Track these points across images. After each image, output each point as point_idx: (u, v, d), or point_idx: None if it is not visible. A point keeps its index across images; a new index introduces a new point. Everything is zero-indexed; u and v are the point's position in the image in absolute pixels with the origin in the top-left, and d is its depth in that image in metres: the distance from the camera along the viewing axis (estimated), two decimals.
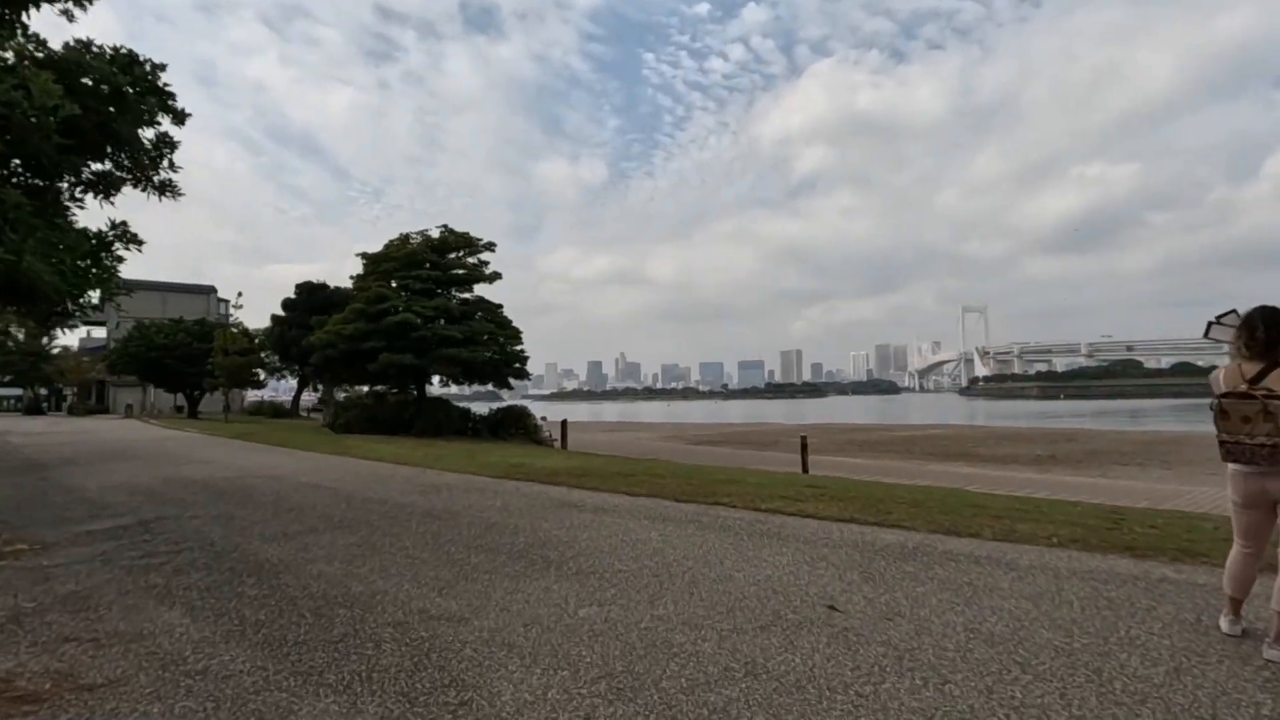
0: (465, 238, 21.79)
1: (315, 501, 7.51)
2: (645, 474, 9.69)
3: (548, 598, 3.99)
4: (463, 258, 22.06)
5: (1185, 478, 16.89)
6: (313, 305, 30.16)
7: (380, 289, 19.80)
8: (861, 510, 6.67)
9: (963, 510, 6.87)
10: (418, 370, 19.59)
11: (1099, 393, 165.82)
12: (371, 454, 13.33)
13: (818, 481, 9.69)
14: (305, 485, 8.90)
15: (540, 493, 8.05)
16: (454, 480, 9.29)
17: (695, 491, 7.83)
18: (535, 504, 7.22)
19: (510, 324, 22.33)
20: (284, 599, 4.03)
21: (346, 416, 20.91)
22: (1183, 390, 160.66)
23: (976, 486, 12.13)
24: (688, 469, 11.10)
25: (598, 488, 8.31)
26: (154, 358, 36.42)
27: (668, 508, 6.95)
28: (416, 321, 19.20)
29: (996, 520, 6.25)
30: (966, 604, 3.81)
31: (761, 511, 6.67)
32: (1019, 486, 12.13)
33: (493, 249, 22.18)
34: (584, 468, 10.46)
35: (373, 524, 6.26)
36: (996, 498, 8.66)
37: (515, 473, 9.82)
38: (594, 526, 6.04)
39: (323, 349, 20.15)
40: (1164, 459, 22.12)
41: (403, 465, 11.21)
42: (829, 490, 8.30)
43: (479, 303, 22.57)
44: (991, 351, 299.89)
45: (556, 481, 8.89)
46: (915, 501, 7.47)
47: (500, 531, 5.87)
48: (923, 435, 35.30)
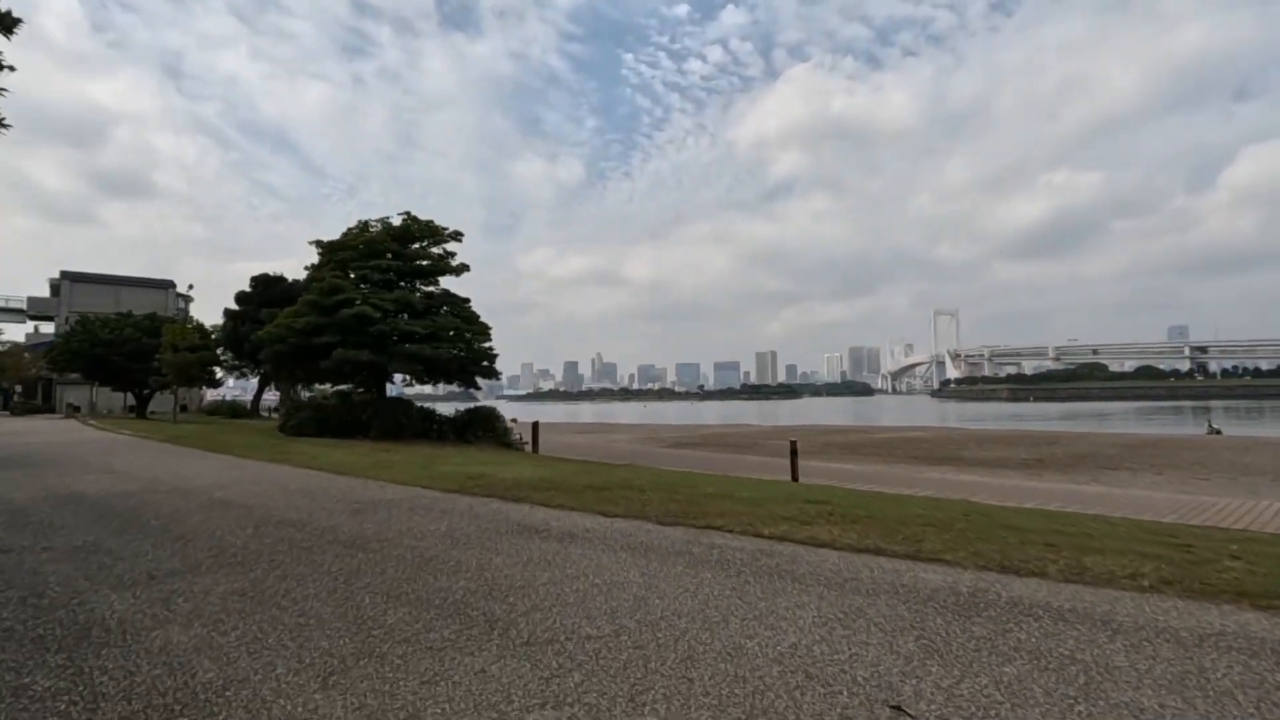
0: (430, 226, 20.28)
1: (217, 526, 6.12)
2: (622, 486, 8.46)
3: (483, 691, 2.72)
4: (427, 248, 20.55)
5: (1183, 483, 16.19)
6: (269, 299, 28.33)
7: (335, 279, 18.23)
8: (884, 536, 5.51)
9: (1001, 535, 5.76)
10: (376, 368, 18.09)
11: (1066, 395, 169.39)
12: (314, 461, 11.87)
13: (817, 494, 8.54)
14: (216, 502, 7.47)
15: (498, 512, 6.76)
16: (398, 495, 7.94)
17: (681, 510, 6.62)
18: (489, 529, 5.93)
19: (478, 319, 20.89)
20: (83, 698, 2.70)
21: (298, 418, 19.29)
22: (1145, 393, 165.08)
23: (983, 497, 11.11)
24: (670, 479, 9.89)
25: (567, 505, 7.04)
26: (99, 354, 34.14)
27: (650, 533, 5.72)
28: (375, 315, 17.69)
29: (1051, 550, 5.13)
30: (1085, 698, 2.65)
31: (765, 538, 5.48)
32: (1028, 496, 11.15)
33: (459, 239, 20.71)
34: (553, 478, 9.18)
35: (275, 559, 4.91)
36: (1023, 514, 7.61)
37: (472, 485, 8.51)
38: (558, 563, 4.77)
39: (271, 344, 18.52)
40: (1150, 463, 21.51)
41: (344, 475, 9.80)
42: (834, 507, 7.15)
43: (445, 296, 21.08)
44: (962, 354, 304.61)
45: (519, 497, 7.60)
46: (940, 522, 6.34)
47: (437, 570, 4.57)
48: (903, 438, 34.60)
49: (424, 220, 20.27)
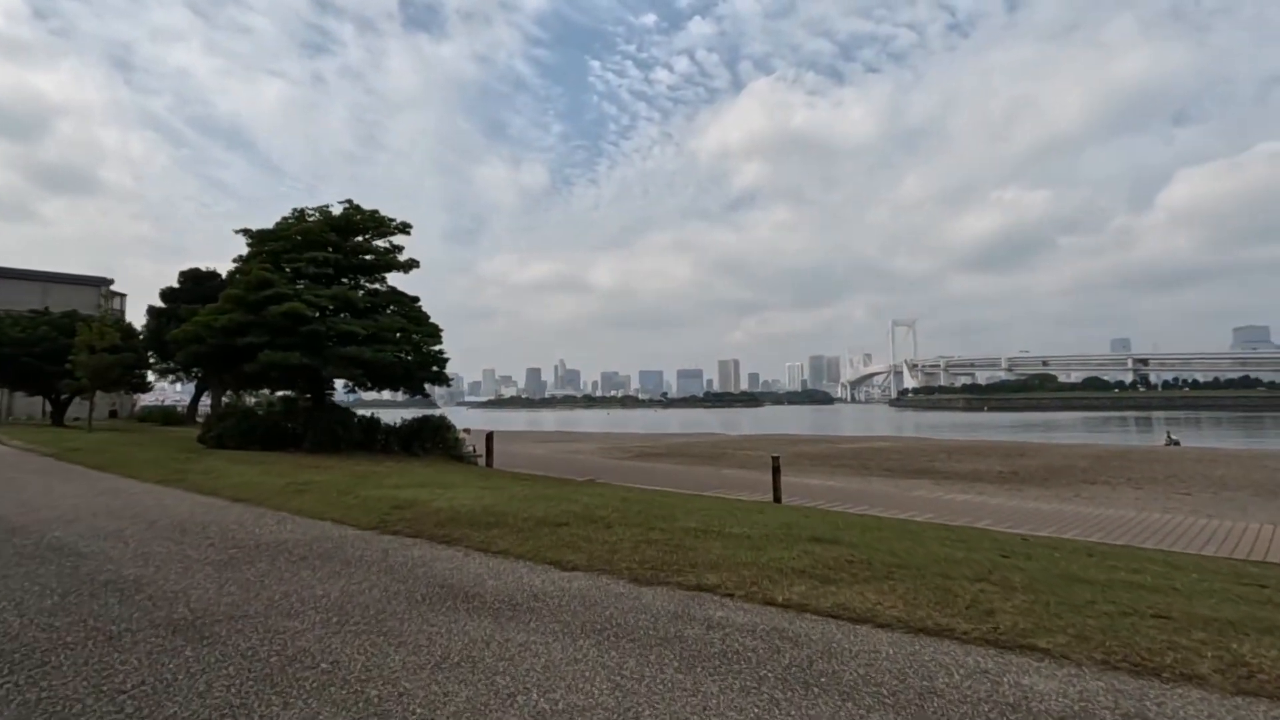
0: (375, 217, 18.34)
1: (12, 590, 4.35)
2: (584, 518, 6.91)
3: None
4: (371, 240, 18.66)
5: (1167, 499, 15.38)
6: (200, 295, 25.85)
7: (264, 272, 16.16)
8: (938, 602, 4.10)
9: (1078, 594, 4.42)
10: (309, 372, 16.13)
11: (1019, 405, 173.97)
12: (217, 482, 9.99)
13: (819, 526, 7.13)
14: (42, 548, 5.63)
15: (419, 563, 5.13)
16: (296, 534, 6.22)
17: (661, 559, 5.11)
18: (399, 594, 4.31)
19: (428, 320, 19.02)
20: None
21: (220, 428, 17.12)
22: (1093, 403, 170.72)
23: (989, 521, 9.88)
24: (642, 504, 8.37)
25: (512, 551, 5.46)
26: (6, 354, 30.95)
27: (622, 601, 4.19)
28: (308, 313, 15.71)
29: (1165, 626, 3.77)
30: None
31: (780, 607, 4.01)
32: (1035, 521, 9.96)
33: (407, 231, 18.81)
34: (500, 507, 7.57)
35: (47, 662, 3.21)
36: (1067, 552, 6.32)
37: (398, 519, 6.84)
38: (487, 663, 3.20)
39: (187, 344, 16.37)
40: (1126, 477, 20.90)
41: (242, 503, 7.99)
42: (850, 548, 5.76)
43: (391, 294, 19.16)
44: (919, 364, 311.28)
45: (452, 537, 5.98)
46: (988, 573, 4.97)
47: (297, 682, 2.97)
48: (871, 448, 33.79)
49: (368, 210, 18.34)
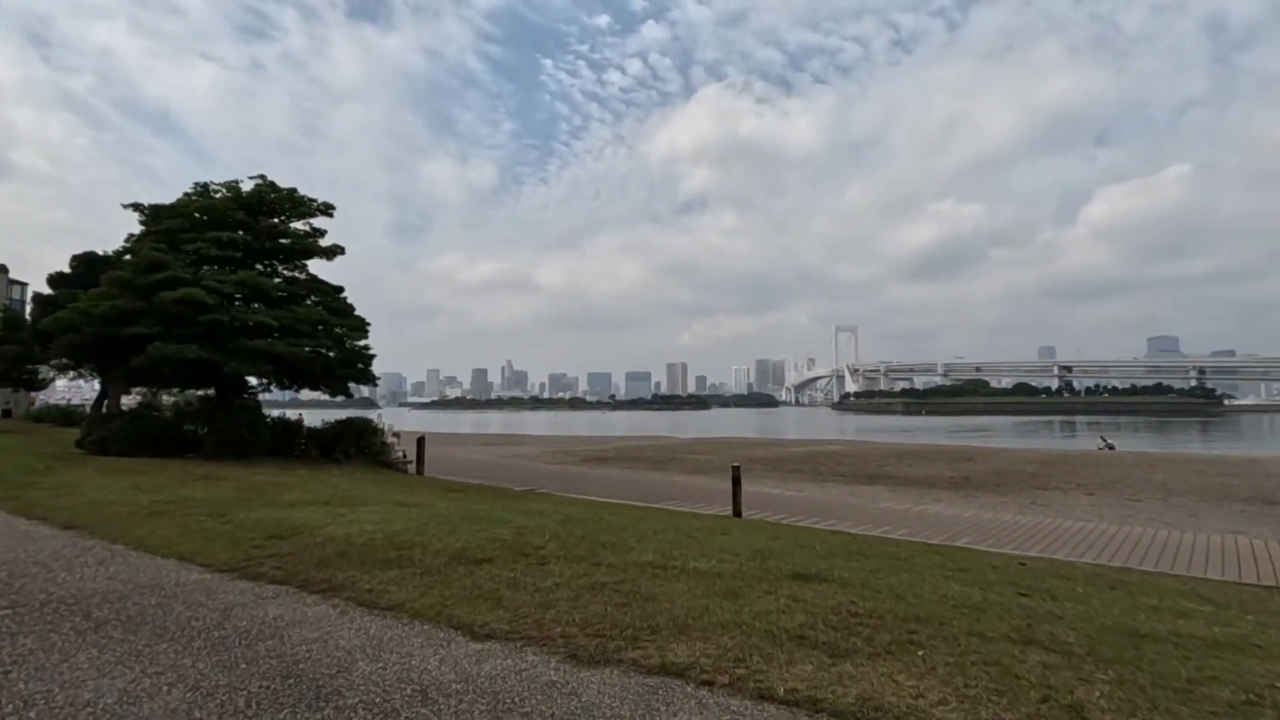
0: (292, 196, 16.33)
1: None
2: (513, 550, 5.54)
3: None
4: (287, 222, 16.68)
5: (1121, 506, 15.02)
6: (94, 282, 23.01)
7: (156, 253, 14.01)
8: (996, 689, 2.93)
9: (1174, 670, 3.36)
10: (209, 367, 14.09)
11: (954, 409, 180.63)
12: (66, 499, 8.13)
13: (801, 560, 5.96)
14: None
15: (268, 632, 3.65)
16: (114, 581, 4.60)
17: (610, 617, 3.80)
18: (213, 695, 2.88)
19: (353, 312, 17.13)
20: None
21: (103, 430, 14.84)
22: (1022, 408, 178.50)
23: (969, 539, 8.97)
24: (587, 526, 7.05)
25: (410, 604, 4.04)
26: None
27: (552, 694, 2.85)
28: (208, 300, 13.70)
29: None
30: None
31: (780, 703, 2.77)
32: (1026, 539, 9.11)
33: (329, 213, 16.87)
34: (409, 534, 6.11)
35: None
36: (1100, 589, 5.33)
37: (269, 553, 5.31)
38: None
39: (62, 333, 14.09)
40: (1075, 482, 20.80)
41: (71, 530, 6.24)
42: (841, 586, 4.61)
43: (311, 283, 17.16)
44: (861, 369, 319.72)
45: (333, 583, 4.51)
46: (1037, 635, 3.87)
47: None
48: (822, 452, 33.34)
49: (284, 188, 16.36)
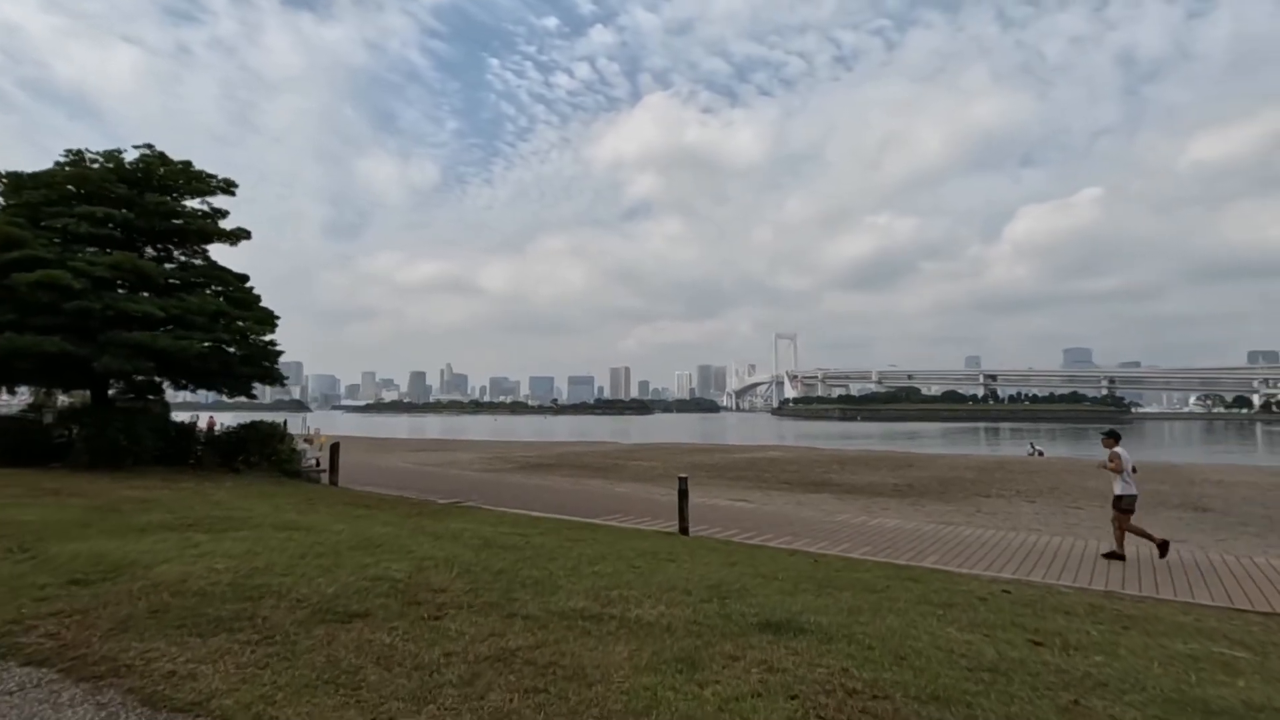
0: (187, 170, 14.33)
1: None
2: (402, 595, 4.27)
3: None
4: (180, 199, 14.67)
5: (1064, 514, 14.84)
6: None
7: (11, 229, 11.85)
8: None
9: None
10: (76, 363, 12.06)
11: (887, 415, 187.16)
12: None
13: (767, 600, 4.94)
14: None
15: None
16: None
17: (517, 714, 2.66)
18: None
19: (258, 304, 15.25)
20: None
21: None
22: (950, 415, 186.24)
23: (937, 559, 8.19)
24: (507, 560, 5.84)
25: (217, 703, 2.76)
26: None
27: None
28: (75, 284, 11.70)
29: None
30: None
31: None
32: (995, 558, 8.39)
33: (232, 191, 14.92)
34: (266, 576, 4.73)
35: None
36: (1111, 629, 4.48)
37: (54, 609, 3.88)
38: None
39: None
40: (1015, 489, 20.83)
41: None
42: (823, 640, 3.60)
43: (209, 270, 15.19)
44: (800, 376, 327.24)
45: (118, 663, 3.12)
46: None
47: None
48: (765, 458, 32.88)
49: (178, 161, 14.37)
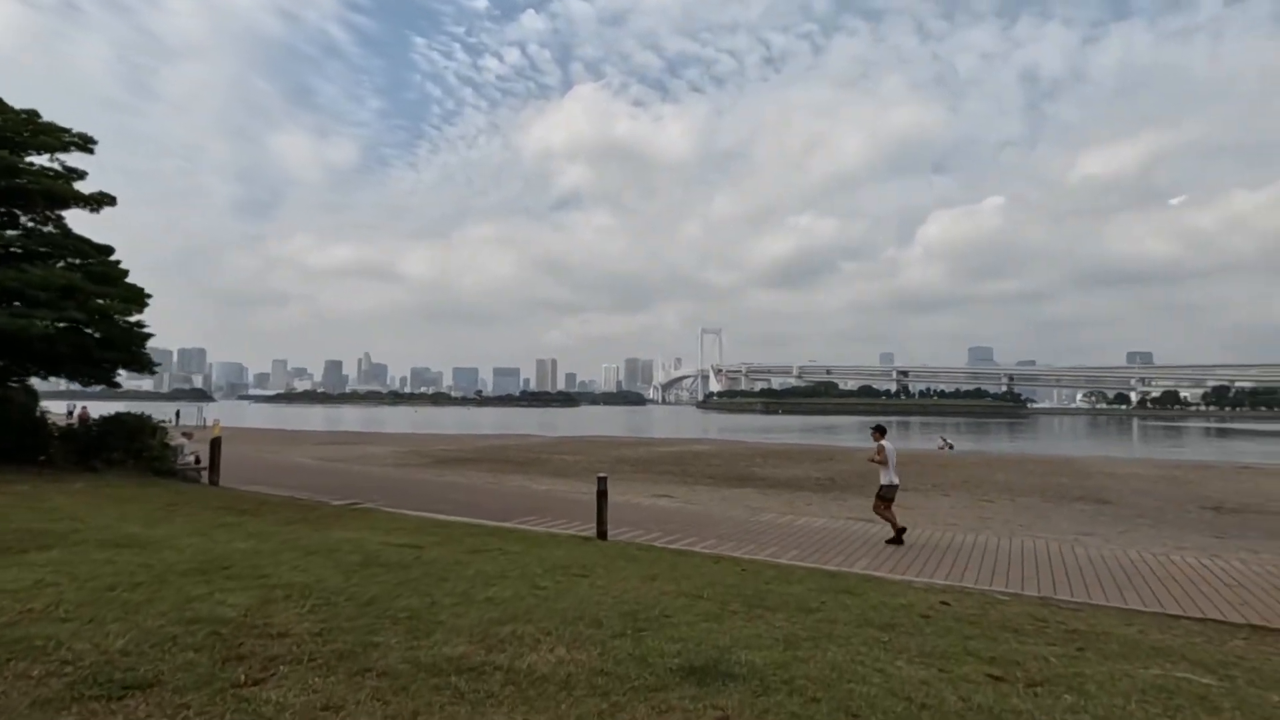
0: (31, 119, 12.19)
1: None
2: (224, 648, 3.27)
3: None
4: (22, 155, 12.51)
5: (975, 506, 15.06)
6: None
7: None
8: None
9: None
10: None
11: (807, 409, 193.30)
12: None
13: (689, 629, 4.21)
14: None
15: None
16: None
17: None
18: None
19: (123, 279, 13.32)
20: None
21: None
22: (865, 409, 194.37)
23: (867, 564, 7.76)
24: (383, 584, 4.87)
25: None
26: None
27: None
28: None
29: None
30: None
31: None
32: (925, 560, 8.05)
33: (90, 148, 12.89)
34: (40, 625, 3.62)
35: None
36: (1085, 659, 4.01)
37: None
38: None
39: None
40: (932, 483, 21.26)
41: None
42: (756, 690, 2.91)
43: (61, 238, 13.13)
44: (724, 370, 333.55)
45: None
46: None
47: None
48: (690, 452, 32.67)
49: (19, 110, 12.21)
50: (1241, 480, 22.36)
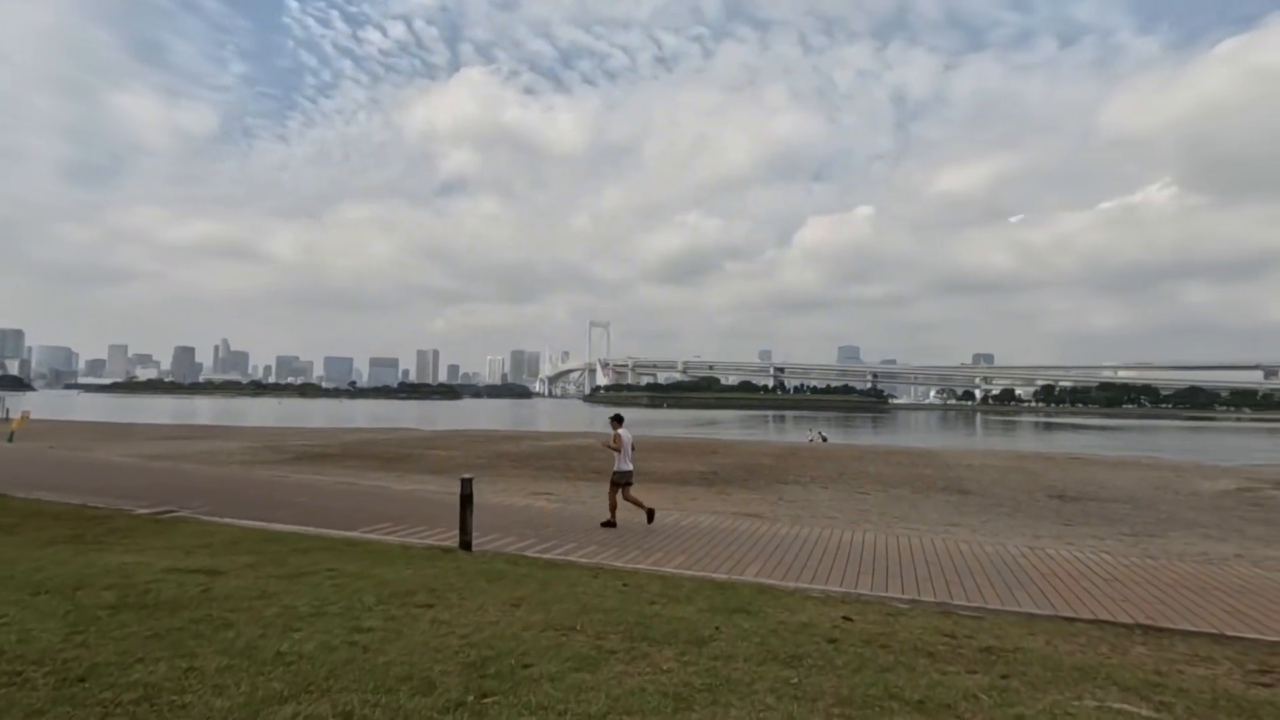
0: None
1: None
2: None
3: None
4: None
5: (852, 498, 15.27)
6: None
7: None
8: None
9: None
10: None
11: (691, 403, 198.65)
12: None
13: (553, 704, 3.24)
14: None
15: None
16: None
17: None
18: None
19: None
20: None
21: None
22: (746, 403, 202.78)
23: (759, 570, 7.15)
24: (129, 639, 3.50)
25: None
26: None
27: None
28: None
29: None
30: None
31: None
32: (817, 564, 7.56)
33: None
34: None
35: None
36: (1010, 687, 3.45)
37: None
38: None
39: None
40: (811, 476, 21.60)
41: None
42: None
43: None
44: (611, 364, 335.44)
45: None
46: None
47: None
48: (575, 446, 31.71)
49: None
50: (1075, 470, 24.51)
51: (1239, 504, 15.81)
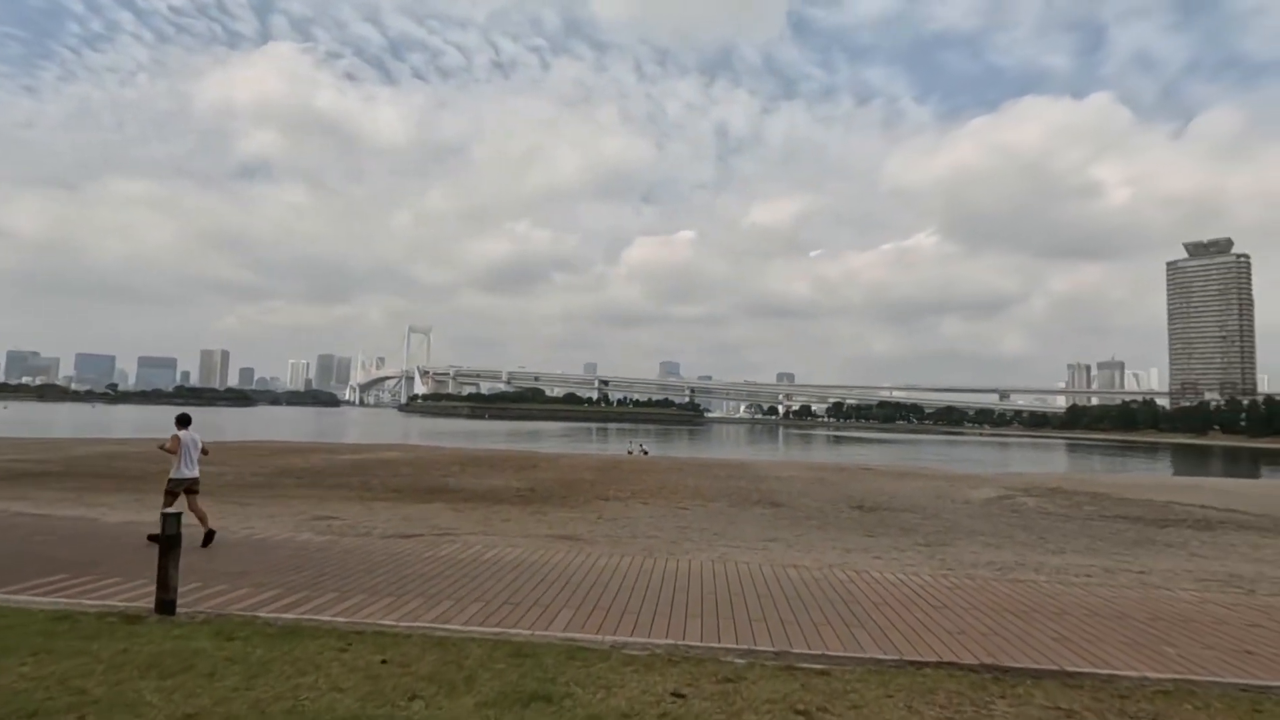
0: None
1: None
2: None
3: None
4: None
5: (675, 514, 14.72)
6: None
7: None
8: None
9: None
10: None
11: (514, 414, 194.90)
12: None
13: None
14: None
15: None
16: None
17: None
18: None
19: None
20: None
21: None
22: (571, 415, 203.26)
23: (570, 618, 5.83)
24: None
25: None
26: None
27: None
28: None
29: None
30: None
31: None
32: (650, 610, 6.39)
33: None
34: None
35: None
36: None
37: None
38: None
39: None
40: (631, 490, 20.90)
41: None
42: None
43: None
44: (431, 372, 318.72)
45: None
46: None
47: None
48: (378, 460, 28.48)
49: None
50: (868, 480, 26.41)
51: (1003, 511, 17.55)
